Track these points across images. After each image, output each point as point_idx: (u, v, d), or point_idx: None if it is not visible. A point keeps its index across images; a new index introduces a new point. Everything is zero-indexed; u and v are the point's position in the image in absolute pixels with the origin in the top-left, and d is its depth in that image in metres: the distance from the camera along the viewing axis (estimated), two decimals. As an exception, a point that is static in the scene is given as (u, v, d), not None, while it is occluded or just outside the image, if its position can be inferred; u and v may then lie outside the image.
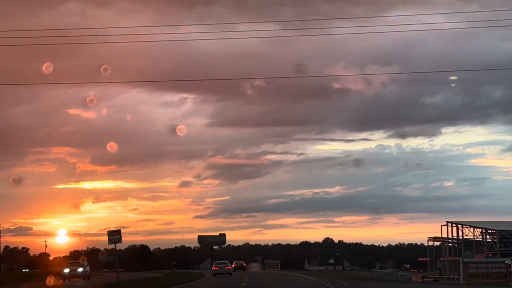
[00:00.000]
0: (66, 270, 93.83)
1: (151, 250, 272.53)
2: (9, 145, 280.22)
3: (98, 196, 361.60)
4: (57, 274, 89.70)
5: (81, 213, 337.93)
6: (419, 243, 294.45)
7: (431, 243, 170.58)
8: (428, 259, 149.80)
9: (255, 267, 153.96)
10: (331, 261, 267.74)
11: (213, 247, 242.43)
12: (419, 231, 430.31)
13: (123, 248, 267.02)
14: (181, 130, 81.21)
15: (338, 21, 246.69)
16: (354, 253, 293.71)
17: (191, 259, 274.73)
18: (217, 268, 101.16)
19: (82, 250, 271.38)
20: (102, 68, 62.90)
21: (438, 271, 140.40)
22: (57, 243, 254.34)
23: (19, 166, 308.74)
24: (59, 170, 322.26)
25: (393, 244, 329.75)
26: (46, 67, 62.81)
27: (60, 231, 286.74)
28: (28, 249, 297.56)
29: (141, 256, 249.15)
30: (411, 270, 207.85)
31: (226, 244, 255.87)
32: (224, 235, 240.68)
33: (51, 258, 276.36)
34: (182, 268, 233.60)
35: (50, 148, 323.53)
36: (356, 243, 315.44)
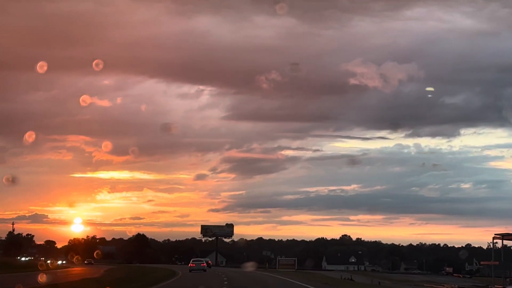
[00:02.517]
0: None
1: (161, 241, 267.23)
2: (24, 132, 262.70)
3: (114, 186, 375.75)
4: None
5: (97, 202, 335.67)
6: (441, 244, 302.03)
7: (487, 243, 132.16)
8: (496, 262, 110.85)
9: (249, 266, 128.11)
10: (352, 259, 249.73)
11: (219, 239, 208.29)
12: (434, 232, 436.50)
13: (125, 238, 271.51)
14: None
15: (357, 16, 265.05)
16: (372, 252, 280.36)
17: (195, 252, 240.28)
18: (193, 265, 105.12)
19: (82, 239, 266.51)
20: (94, 63, 56.23)
21: (509, 279, 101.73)
22: (72, 231, 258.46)
23: (35, 154, 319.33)
24: (75, 159, 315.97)
25: (414, 244, 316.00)
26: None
27: (76, 219, 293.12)
28: (33, 236, 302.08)
29: (139, 248, 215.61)
30: (455, 275, 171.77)
31: (238, 238, 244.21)
32: (231, 225, 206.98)
33: (58, 246, 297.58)
34: (184, 262, 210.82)
35: (66, 136, 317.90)
36: (375, 242, 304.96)
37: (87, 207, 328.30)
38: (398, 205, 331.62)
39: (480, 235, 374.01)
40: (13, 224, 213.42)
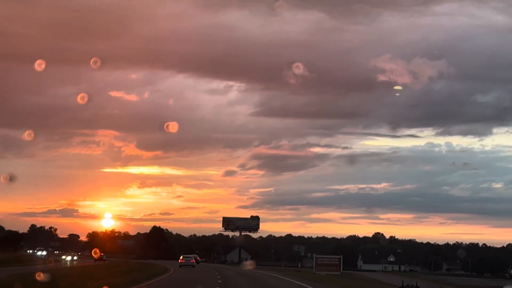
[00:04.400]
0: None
1: (187, 237, 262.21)
2: (53, 126, 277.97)
3: (144, 182, 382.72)
4: None
5: (127, 197, 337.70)
6: (480, 244, 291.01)
7: None
8: None
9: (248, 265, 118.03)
10: (391, 259, 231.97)
11: (245, 234, 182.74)
12: (465, 232, 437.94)
13: (141, 232, 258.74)
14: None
15: (386, 11, 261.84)
16: (408, 252, 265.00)
17: (217, 248, 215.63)
18: (183, 261, 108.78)
19: (101, 233, 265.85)
20: (92, 61, 47.21)
21: None
22: (101, 226, 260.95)
23: (64, 147, 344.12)
24: (105, 153, 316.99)
25: (451, 243, 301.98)
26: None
27: (106, 214, 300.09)
28: (56, 229, 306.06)
29: (155, 242, 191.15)
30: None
31: (266, 235, 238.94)
32: (257, 218, 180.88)
33: (82, 239, 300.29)
34: (205, 259, 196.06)
35: (95, 131, 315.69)
36: (410, 240, 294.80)
37: (117, 202, 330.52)
38: (429, 204, 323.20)
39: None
40: None
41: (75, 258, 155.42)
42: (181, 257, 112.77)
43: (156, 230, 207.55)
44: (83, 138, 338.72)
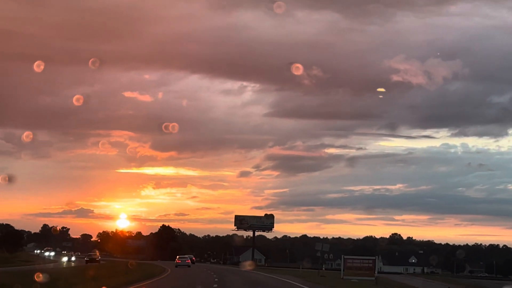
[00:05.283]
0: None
1: (201, 237, 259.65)
2: (68, 126, 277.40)
3: (159, 182, 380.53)
4: None
5: (142, 198, 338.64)
6: (501, 245, 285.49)
7: None
8: None
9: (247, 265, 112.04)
10: (412, 260, 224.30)
11: (259, 234, 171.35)
12: (480, 233, 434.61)
13: (154, 232, 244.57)
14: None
15: (400, 11, 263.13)
16: (426, 253, 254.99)
17: (230, 248, 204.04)
18: (179, 261, 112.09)
19: (111, 232, 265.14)
20: (91, 62, 47.30)
21: None
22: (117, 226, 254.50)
23: (79, 148, 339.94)
24: (120, 154, 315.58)
25: (470, 244, 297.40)
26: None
27: (121, 215, 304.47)
28: (69, 229, 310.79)
29: (163, 242, 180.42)
30: None
31: (281, 236, 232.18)
32: (271, 216, 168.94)
33: (94, 239, 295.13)
34: (217, 260, 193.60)
35: (110, 131, 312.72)
36: (428, 241, 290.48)
37: (132, 202, 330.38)
38: (444, 206, 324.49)
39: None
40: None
41: (72, 258, 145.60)
42: (177, 258, 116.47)
43: (165, 229, 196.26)
44: (98, 139, 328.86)
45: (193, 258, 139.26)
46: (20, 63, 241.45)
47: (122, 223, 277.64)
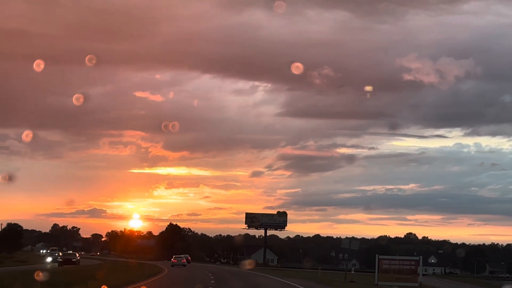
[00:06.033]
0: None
1: (212, 237, 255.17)
2: (81, 127, 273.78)
3: (171, 182, 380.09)
4: None
5: (155, 198, 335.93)
6: None
7: None
8: None
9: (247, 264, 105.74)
10: (432, 260, 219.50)
11: (271, 233, 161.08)
12: (494, 233, 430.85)
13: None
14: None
15: (412, 9, 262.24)
16: (445, 253, 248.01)
17: (241, 248, 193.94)
18: (175, 260, 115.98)
19: (120, 232, 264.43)
20: (87, 59, 43.77)
21: None
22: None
23: (92, 148, 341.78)
24: (132, 154, 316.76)
25: (487, 244, 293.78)
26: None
27: (134, 215, 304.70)
28: (79, 229, 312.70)
29: (169, 241, 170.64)
30: None
31: (294, 235, 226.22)
32: (284, 214, 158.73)
33: (104, 239, 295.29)
34: (227, 260, 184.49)
35: (122, 131, 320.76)
36: (444, 241, 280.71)
37: (144, 202, 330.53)
38: (457, 205, 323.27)
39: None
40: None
41: (60, 259, 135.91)
42: (173, 257, 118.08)
43: (172, 227, 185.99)
44: (110, 139, 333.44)
45: (189, 258, 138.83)
46: (31, 63, 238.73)
47: (135, 223, 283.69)
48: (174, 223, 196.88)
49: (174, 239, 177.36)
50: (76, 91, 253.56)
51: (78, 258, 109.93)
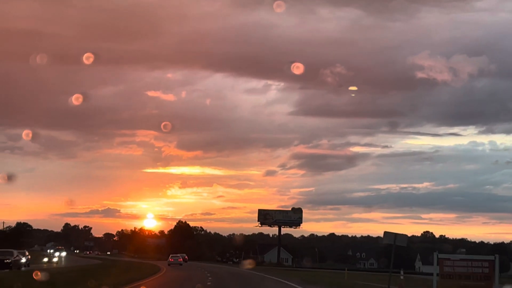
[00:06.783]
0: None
1: (226, 236, 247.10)
2: (94, 126, 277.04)
3: (185, 182, 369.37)
4: None
5: (168, 197, 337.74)
6: None
7: None
8: None
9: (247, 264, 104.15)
10: None
11: (285, 231, 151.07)
12: (510, 231, 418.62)
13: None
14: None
15: (424, 7, 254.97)
16: (468, 251, 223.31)
17: (253, 247, 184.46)
18: (172, 260, 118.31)
19: (130, 231, 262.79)
20: (84, 57, 42.82)
21: None
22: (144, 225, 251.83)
23: (105, 148, 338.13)
24: (145, 154, 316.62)
25: (506, 242, 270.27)
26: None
27: (148, 214, 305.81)
28: (91, 228, 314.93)
29: (178, 239, 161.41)
30: None
31: (308, 234, 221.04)
32: (299, 210, 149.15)
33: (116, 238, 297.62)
34: (239, 260, 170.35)
35: (135, 131, 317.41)
36: (462, 239, 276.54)
37: (158, 202, 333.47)
38: (471, 204, 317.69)
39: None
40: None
41: (54, 259, 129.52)
42: (170, 256, 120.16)
43: (181, 226, 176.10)
44: (123, 139, 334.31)
45: (186, 258, 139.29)
46: (43, 63, 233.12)
47: (148, 223, 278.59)
48: (184, 221, 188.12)
49: (183, 238, 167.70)
50: (89, 91, 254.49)
51: (23, 260, 75.57)
